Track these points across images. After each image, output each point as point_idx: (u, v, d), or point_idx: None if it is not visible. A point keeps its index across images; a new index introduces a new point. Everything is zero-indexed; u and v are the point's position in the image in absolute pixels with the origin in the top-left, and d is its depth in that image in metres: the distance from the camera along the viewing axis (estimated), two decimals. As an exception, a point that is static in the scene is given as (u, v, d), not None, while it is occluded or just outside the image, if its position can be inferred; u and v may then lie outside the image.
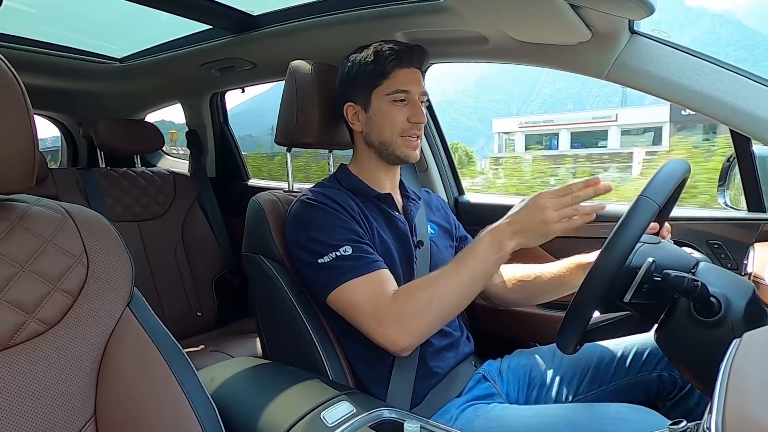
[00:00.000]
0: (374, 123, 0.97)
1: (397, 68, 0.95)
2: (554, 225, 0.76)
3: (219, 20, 1.41)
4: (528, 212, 0.78)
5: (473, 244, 0.83)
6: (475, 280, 0.81)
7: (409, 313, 0.80)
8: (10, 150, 0.54)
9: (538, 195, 0.78)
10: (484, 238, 0.81)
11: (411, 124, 0.96)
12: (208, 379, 0.81)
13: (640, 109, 28.94)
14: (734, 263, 1.08)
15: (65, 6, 1.73)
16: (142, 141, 1.87)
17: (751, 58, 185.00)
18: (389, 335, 0.80)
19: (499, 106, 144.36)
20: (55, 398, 0.56)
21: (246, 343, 1.60)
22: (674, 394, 0.91)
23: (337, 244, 0.85)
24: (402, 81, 0.95)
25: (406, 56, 0.96)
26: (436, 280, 0.82)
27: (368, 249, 0.87)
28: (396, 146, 0.97)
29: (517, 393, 0.99)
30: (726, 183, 1.15)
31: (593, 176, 0.78)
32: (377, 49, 0.96)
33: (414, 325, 0.80)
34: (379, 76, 0.96)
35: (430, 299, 0.80)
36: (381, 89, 0.96)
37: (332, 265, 0.84)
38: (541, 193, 0.78)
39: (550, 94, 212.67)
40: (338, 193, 0.95)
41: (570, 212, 0.76)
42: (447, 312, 0.83)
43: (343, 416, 0.68)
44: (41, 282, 0.57)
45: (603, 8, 0.88)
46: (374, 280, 0.84)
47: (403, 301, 0.81)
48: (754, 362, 0.41)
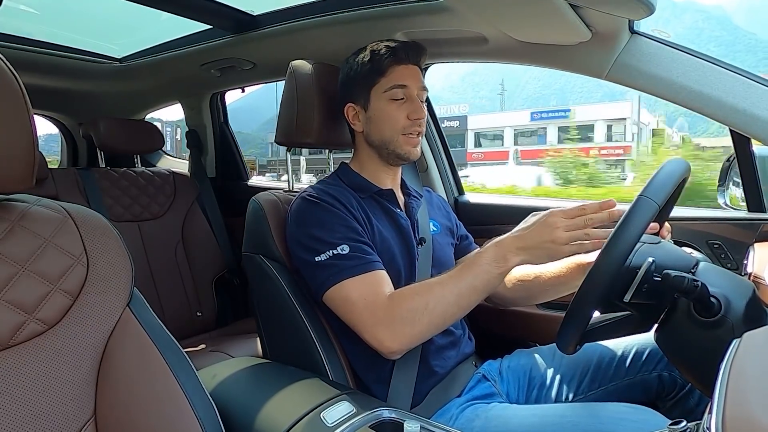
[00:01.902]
0: (374, 122, 0.98)
1: (394, 65, 0.96)
2: (563, 247, 0.74)
3: (219, 20, 1.41)
4: (537, 230, 0.76)
5: (477, 255, 0.82)
6: (473, 292, 0.80)
7: (402, 317, 0.80)
8: (10, 150, 0.54)
9: (549, 213, 0.77)
10: (488, 251, 0.80)
11: (411, 120, 0.96)
12: (208, 379, 0.81)
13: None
14: (734, 263, 1.08)
15: (65, 6, 1.74)
16: (142, 141, 1.87)
17: (730, 54, 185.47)
18: (380, 337, 0.80)
19: (484, 102, 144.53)
20: (54, 398, 0.56)
21: (246, 343, 1.60)
22: (674, 394, 0.91)
23: (334, 243, 0.85)
24: (399, 76, 0.95)
25: (402, 52, 0.96)
26: (434, 287, 0.81)
27: (366, 249, 0.87)
28: (397, 144, 0.97)
29: (518, 393, 0.99)
30: (726, 183, 1.15)
31: (608, 199, 0.75)
32: (373, 48, 0.97)
33: (406, 330, 0.80)
34: (376, 74, 0.96)
35: (425, 306, 0.79)
36: (378, 87, 0.96)
37: (329, 264, 0.84)
38: (552, 211, 0.77)
39: (534, 90, 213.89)
40: (340, 190, 0.95)
41: (581, 235, 0.74)
42: (441, 321, 0.82)
43: (343, 416, 0.68)
44: (41, 282, 0.57)
45: (603, 8, 0.88)
46: (370, 281, 0.84)
47: (398, 304, 0.81)
48: (754, 362, 0.41)
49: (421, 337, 0.83)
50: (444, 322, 0.83)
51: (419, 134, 0.98)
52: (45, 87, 1.89)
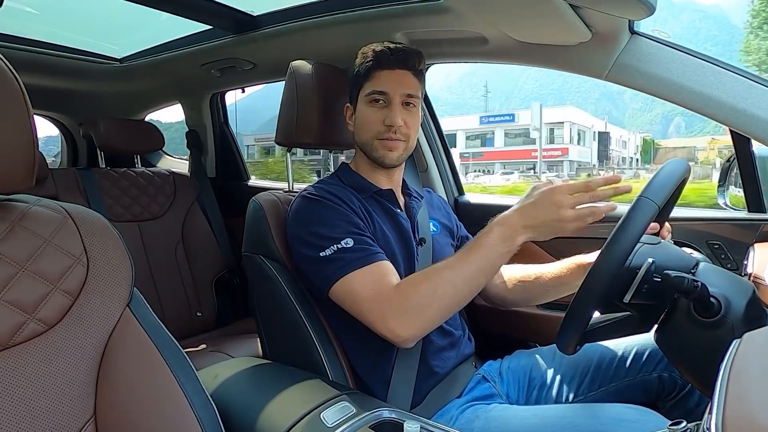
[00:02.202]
0: (357, 124, 0.99)
1: (376, 70, 0.95)
2: (569, 224, 0.75)
3: (219, 20, 1.41)
4: (542, 207, 0.76)
5: (481, 235, 0.81)
6: (481, 273, 0.80)
7: (412, 304, 0.79)
8: (10, 150, 0.54)
9: (551, 190, 0.76)
10: (493, 230, 0.79)
11: (386, 126, 0.94)
12: (208, 379, 0.81)
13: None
14: (734, 263, 1.08)
15: (65, 6, 1.74)
16: (142, 141, 1.87)
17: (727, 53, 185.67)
18: (392, 327, 0.79)
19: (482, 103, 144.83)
20: (54, 398, 0.56)
21: (246, 343, 1.60)
22: (674, 394, 0.91)
23: (338, 237, 0.85)
24: (379, 82, 0.95)
25: (385, 57, 0.95)
26: (441, 271, 0.81)
27: (369, 241, 0.87)
28: (372, 148, 0.96)
29: (518, 394, 0.99)
30: (726, 183, 1.15)
31: (614, 174, 0.76)
32: (364, 51, 0.97)
33: (417, 316, 0.79)
34: (363, 78, 0.97)
35: (434, 291, 0.79)
36: (362, 91, 0.97)
37: (334, 258, 0.84)
38: (555, 188, 0.76)
39: (531, 90, 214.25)
40: (340, 189, 0.95)
41: (586, 212, 0.74)
42: (451, 305, 0.82)
43: (343, 416, 0.68)
44: (41, 282, 0.57)
45: (603, 8, 0.89)
46: (376, 271, 0.83)
47: (406, 292, 0.80)
48: (754, 362, 0.41)
49: (433, 323, 0.83)
50: (454, 305, 0.82)
51: (396, 140, 0.95)
52: (45, 87, 1.89)
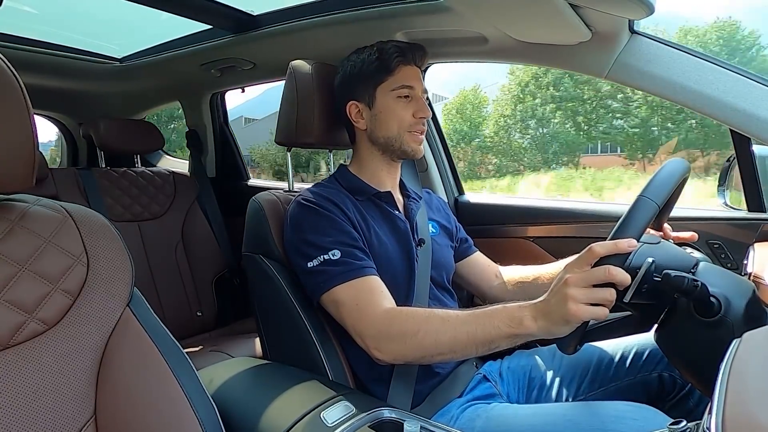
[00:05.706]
0: (380, 119, 0.99)
1: (402, 65, 0.98)
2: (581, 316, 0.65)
3: (219, 20, 1.41)
4: (556, 301, 0.68)
5: (500, 307, 0.75)
6: (471, 340, 0.74)
7: (390, 335, 0.79)
8: (10, 150, 0.54)
9: (564, 283, 0.67)
10: (510, 308, 0.73)
11: (417, 119, 0.98)
12: (208, 379, 0.81)
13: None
14: (734, 263, 1.08)
15: (65, 6, 1.74)
16: (142, 141, 1.87)
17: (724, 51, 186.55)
18: (367, 344, 0.81)
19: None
20: (54, 398, 0.56)
21: (246, 343, 1.60)
22: (674, 394, 0.91)
23: (326, 247, 0.86)
24: (406, 77, 0.98)
25: (409, 53, 1.00)
26: (433, 318, 0.78)
27: (358, 254, 0.87)
28: (403, 141, 0.99)
29: (518, 394, 0.99)
30: (726, 183, 1.15)
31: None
32: (381, 47, 1.00)
33: (393, 346, 0.79)
34: (384, 73, 0.98)
35: (416, 332, 0.76)
36: (385, 86, 0.98)
37: (319, 271, 0.85)
38: (568, 278, 0.67)
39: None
40: (336, 193, 0.95)
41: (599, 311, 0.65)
42: (430, 353, 0.77)
43: (343, 416, 0.68)
44: (41, 282, 0.57)
45: (603, 8, 0.88)
46: (361, 287, 0.84)
47: (390, 322, 0.80)
48: (754, 362, 0.41)
49: (407, 360, 0.80)
50: (434, 354, 0.77)
51: (422, 132, 1.01)
52: (45, 87, 1.88)
